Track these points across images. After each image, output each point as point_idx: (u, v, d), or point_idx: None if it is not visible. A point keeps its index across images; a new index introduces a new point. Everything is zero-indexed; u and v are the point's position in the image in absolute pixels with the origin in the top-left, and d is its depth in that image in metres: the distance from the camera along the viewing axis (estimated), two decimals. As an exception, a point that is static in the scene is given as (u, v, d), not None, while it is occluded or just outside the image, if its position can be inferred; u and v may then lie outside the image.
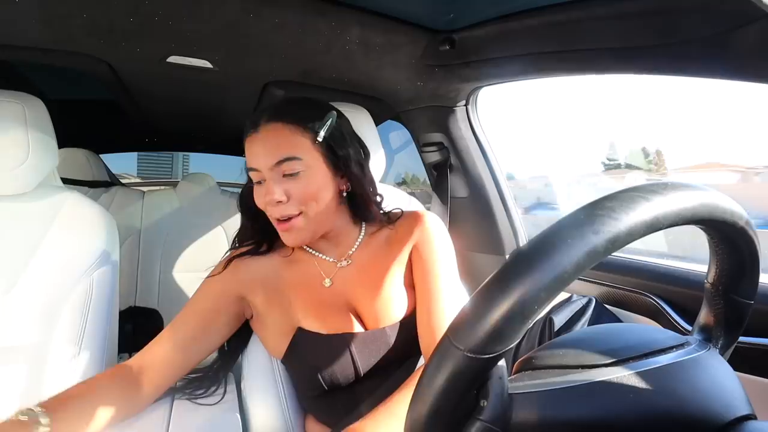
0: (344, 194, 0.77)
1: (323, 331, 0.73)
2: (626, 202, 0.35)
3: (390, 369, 0.75)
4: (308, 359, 0.72)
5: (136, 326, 1.92)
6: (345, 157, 0.74)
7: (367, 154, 0.83)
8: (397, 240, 0.81)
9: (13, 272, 0.95)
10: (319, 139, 0.71)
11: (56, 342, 0.93)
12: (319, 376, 0.72)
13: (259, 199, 0.71)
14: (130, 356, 0.75)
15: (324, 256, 0.79)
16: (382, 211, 0.85)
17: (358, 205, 0.80)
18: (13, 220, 0.97)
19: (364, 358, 0.73)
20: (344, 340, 0.72)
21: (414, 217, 0.83)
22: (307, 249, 0.80)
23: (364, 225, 0.84)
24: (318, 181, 0.71)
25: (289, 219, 0.70)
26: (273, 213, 0.71)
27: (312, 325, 0.73)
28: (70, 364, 0.92)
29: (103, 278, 1.02)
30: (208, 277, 0.78)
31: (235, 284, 0.76)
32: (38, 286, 0.95)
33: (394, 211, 0.86)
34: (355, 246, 0.81)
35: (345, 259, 0.79)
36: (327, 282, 0.78)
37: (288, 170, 0.69)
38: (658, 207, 0.35)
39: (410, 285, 0.81)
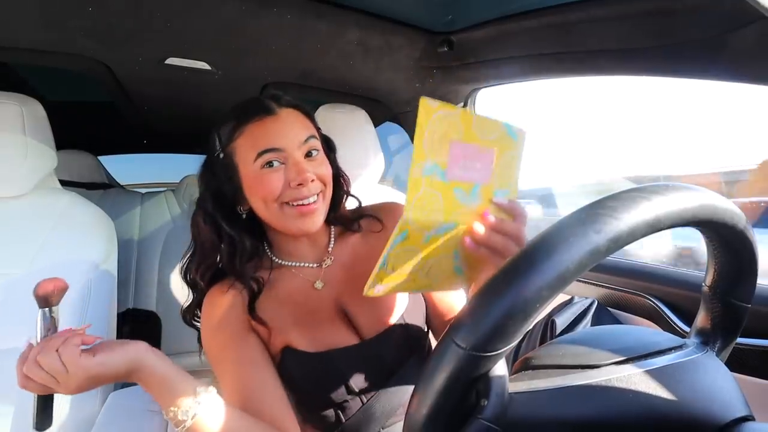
0: None
1: (311, 349, 0.68)
2: (628, 201, 0.34)
3: (382, 380, 0.71)
4: (297, 381, 0.68)
5: (134, 328, 1.91)
6: (334, 151, 0.76)
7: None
8: (376, 232, 0.78)
9: (11, 274, 0.95)
10: (320, 128, 0.73)
11: (53, 344, 0.92)
12: (310, 398, 0.68)
13: (277, 183, 0.65)
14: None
15: (305, 264, 0.75)
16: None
17: (333, 204, 0.76)
18: (11, 222, 0.96)
19: (356, 374, 0.68)
20: (334, 357, 0.68)
21: (392, 209, 0.80)
22: (285, 263, 0.75)
23: (331, 226, 0.79)
24: (327, 165, 0.71)
25: (313, 201, 0.67)
26: (300, 194, 0.65)
27: (301, 342, 0.68)
28: (68, 367, 0.91)
29: (100, 280, 1.02)
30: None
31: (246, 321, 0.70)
32: (35, 288, 0.95)
33: (355, 208, 0.83)
34: (332, 244, 0.77)
35: (328, 258, 0.75)
36: (319, 284, 0.73)
37: (313, 147, 0.68)
38: (659, 207, 0.35)
39: None
